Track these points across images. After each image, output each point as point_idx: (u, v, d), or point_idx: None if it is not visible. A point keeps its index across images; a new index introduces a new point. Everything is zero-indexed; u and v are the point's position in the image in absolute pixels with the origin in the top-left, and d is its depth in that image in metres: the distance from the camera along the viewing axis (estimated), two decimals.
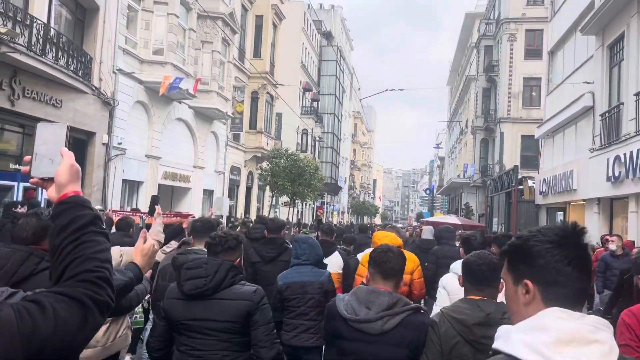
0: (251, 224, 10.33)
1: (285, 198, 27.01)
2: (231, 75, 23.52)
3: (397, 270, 2.69)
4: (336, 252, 5.86)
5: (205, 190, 22.58)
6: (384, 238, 4.89)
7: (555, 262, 1.25)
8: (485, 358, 1.46)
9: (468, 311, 2.44)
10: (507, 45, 31.32)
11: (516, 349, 1.20)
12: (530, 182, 20.02)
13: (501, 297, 2.39)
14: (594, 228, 13.36)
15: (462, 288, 2.68)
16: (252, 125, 27.39)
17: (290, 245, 5.07)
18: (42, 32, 11.81)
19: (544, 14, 31.42)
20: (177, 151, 19.78)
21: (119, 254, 3.56)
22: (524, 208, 19.66)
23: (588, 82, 14.05)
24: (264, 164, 24.03)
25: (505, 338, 1.26)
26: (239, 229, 10.89)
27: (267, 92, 27.82)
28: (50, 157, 1.40)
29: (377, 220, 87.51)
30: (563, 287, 1.24)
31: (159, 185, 18.48)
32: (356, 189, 79.05)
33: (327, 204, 51.61)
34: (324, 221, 22.35)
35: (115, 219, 8.40)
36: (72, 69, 13.21)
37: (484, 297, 2.50)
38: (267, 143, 27.58)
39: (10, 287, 1.27)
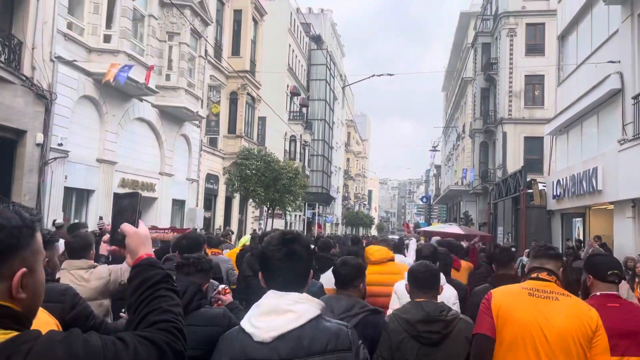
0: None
1: (277, 210, 24.54)
2: (204, 72, 21.19)
3: (350, 279, 3.13)
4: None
5: (175, 201, 20.12)
6: (377, 252, 4.93)
7: (268, 259, 1.89)
8: (428, 350, 2.74)
9: (412, 310, 2.90)
10: (507, 41, 29.18)
11: (242, 321, 1.84)
12: (540, 185, 17.66)
13: (441, 298, 3.16)
14: (627, 237, 10.98)
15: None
16: (231, 129, 25.01)
17: None
18: None
19: (544, 7, 29.45)
20: (138, 156, 17.35)
21: (107, 273, 3.60)
22: (535, 215, 17.26)
23: (613, 62, 11.76)
24: (232, 167, 21.30)
25: None
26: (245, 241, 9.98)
27: (248, 93, 25.47)
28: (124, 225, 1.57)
29: (374, 232, 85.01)
30: (275, 275, 1.85)
31: (115, 194, 16.03)
32: (350, 199, 76.63)
33: (319, 215, 49.15)
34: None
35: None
36: None
37: (427, 299, 2.95)
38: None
39: None
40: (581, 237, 15.13)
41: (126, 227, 1.54)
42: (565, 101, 15.61)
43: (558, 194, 15.65)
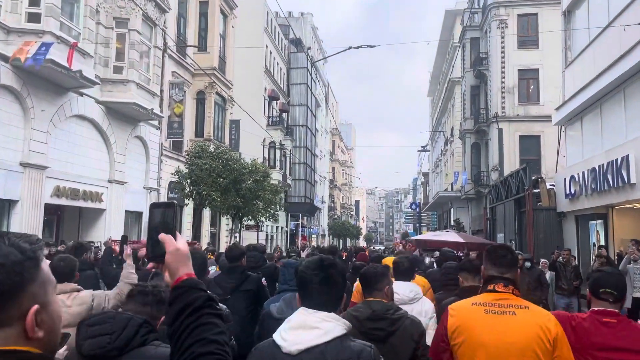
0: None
1: (248, 221, 21.95)
2: (161, 66, 18.72)
3: None
4: None
5: (130, 213, 17.51)
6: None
7: (305, 282, 1.99)
8: (375, 346, 2.24)
9: (361, 309, 3.09)
10: (498, 34, 27.11)
11: (274, 334, 1.93)
12: (548, 184, 15.36)
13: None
14: None
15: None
16: (199, 131, 22.53)
17: (251, 274, 5.14)
18: None
19: None
20: (78, 160, 14.76)
21: (90, 299, 3.61)
22: (543, 218, 14.93)
23: None
24: (181, 167, 18.42)
25: None
26: None
27: (217, 93, 23.02)
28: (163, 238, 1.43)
29: (362, 243, 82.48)
30: (310, 296, 1.94)
31: (48, 205, 13.42)
32: (337, 209, 74.14)
33: (303, 226, 46.57)
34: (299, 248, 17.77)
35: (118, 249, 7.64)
36: None
37: (376, 299, 3.12)
38: None
39: None
40: (602, 243, 12.80)
41: (167, 239, 1.39)
42: (576, 84, 13.36)
43: (573, 192, 13.33)
